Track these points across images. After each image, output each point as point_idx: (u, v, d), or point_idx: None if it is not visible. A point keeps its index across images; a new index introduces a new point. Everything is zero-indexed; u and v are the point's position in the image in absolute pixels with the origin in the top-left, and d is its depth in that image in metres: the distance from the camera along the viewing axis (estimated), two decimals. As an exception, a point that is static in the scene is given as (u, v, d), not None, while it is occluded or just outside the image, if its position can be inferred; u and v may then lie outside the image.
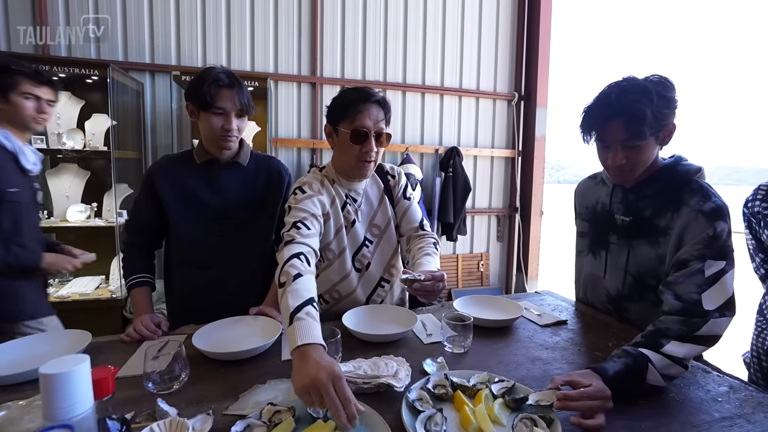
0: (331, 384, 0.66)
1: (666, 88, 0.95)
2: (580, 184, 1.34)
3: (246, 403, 0.77)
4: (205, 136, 1.26)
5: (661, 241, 1.01)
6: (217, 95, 1.18)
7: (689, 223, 0.94)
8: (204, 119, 1.21)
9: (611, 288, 1.18)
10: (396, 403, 0.77)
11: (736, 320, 0.89)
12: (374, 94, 1.16)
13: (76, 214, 2.42)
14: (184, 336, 1.08)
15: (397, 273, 1.36)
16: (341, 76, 3.13)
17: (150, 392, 0.79)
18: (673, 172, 1.03)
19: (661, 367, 0.82)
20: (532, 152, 3.61)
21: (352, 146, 1.15)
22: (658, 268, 1.02)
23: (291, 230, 1.06)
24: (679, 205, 0.98)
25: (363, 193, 1.29)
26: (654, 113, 0.92)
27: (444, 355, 0.99)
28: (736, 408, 0.78)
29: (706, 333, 0.85)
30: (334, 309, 1.30)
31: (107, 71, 2.27)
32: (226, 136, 1.22)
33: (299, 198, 1.14)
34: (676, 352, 0.84)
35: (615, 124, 0.96)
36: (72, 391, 0.51)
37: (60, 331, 1.02)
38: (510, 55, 3.62)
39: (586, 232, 1.28)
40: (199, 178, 1.29)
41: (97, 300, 2.36)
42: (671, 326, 0.87)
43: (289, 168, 3.07)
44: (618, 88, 0.97)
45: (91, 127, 2.47)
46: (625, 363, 0.82)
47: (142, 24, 2.69)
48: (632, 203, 1.09)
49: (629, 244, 1.10)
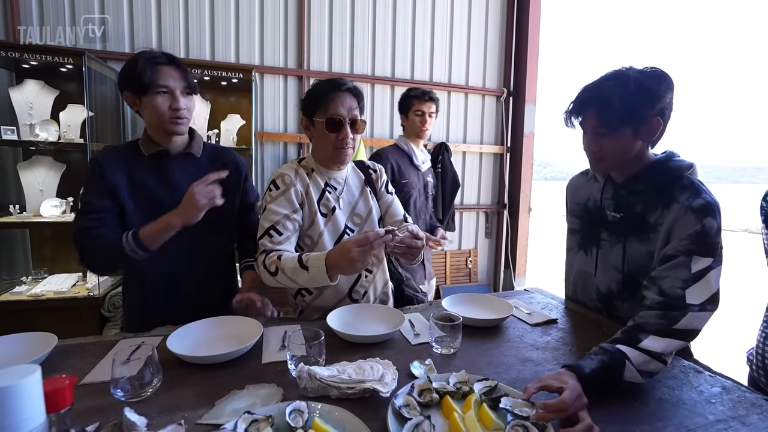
0: (355, 248, 0.96)
1: (651, 80, 0.92)
2: (571, 181, 1.32)
3: (222, 411, 0.73)
4: (151, 122, 1.16)
5: (652, 237, 0.99)
6: (156, 73, 1.09)
7: (678, 220, 0.92)
8: (147, 104, 1.11)
9: (602, 285, 1.16)
10: (382, 410, 0.73)
11: (742, 317, 0.87)
12: (345, 83, 1.18)
13: (51, 209, 2.32)
14: (159, 338, 1.02)
15: (379, 263, 1.34)
16: (329, 69, 3.07)
17: (118, 400, 0.74)
18: (663, 168, 1.01)
19: (639, 363, 0.81)
20: (520, 149, 3.61)
21: (328, 135, 1.17)
22: (648, 265, 1.00)
23: (264, 238, 1.14)
24: (670, 201, 0.96)
25: (344, 182, 1.30)
26: (624, 102, 0.91)
27: (432, 357, 0.95)
28: (730, 410, 0.77)
29: (684, 327, 0.84)
30: (317, 302, 1.27)
31: (83, 60, 2.17)
32: (175, 117, 1.12)
33: (274, 195, 1.18)
34: (654, 347, 0.82)
35: (589, 110, 0.98)
36: (19, 406, 0.46)
37: (23, 334, 0.95)
38: (499, 50, 3.60)
39: (577, 228, 1.26)
40: (149, 172, 1.18)
41: (73, 298, 2.26)
42: (650, 320, 0.86)
43: (275, 163, 3.02)
44: (607, 74, 0.97)
45: (66, 118, 2.36)
46: (601, 360, 0.80)
47: (121, 11, 2.58)
48: (623, 199, 1.07)
49: (620, 240, 1.08)
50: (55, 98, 2.35)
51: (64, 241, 2.52)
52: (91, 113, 2.25)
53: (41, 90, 2.31)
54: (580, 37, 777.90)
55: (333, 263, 1.01)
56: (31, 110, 2.27)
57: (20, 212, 2.27)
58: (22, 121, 2.25)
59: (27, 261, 2.53)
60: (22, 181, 2.32)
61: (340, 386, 0.76)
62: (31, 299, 2.18)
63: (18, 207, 2.26)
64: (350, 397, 0.77)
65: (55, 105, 2.35)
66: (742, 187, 48.22)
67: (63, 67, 2.28)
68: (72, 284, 2.37)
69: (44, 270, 2.47)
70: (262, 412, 0.68)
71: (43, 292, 2.23)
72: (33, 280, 2.39)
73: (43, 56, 2.19)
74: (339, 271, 1.02)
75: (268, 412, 0.68)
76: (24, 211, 2.30)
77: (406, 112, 2.10)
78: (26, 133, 2.24)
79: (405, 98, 2.10)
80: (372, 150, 3.21)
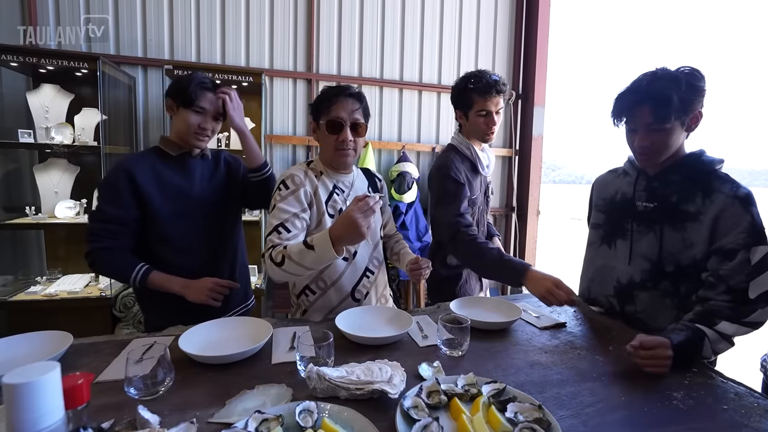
0: (358, 213, 0.98)
1: (695, 77, 1.01)
2: (598, 178, 1.37)
3: (232, 411, 0.74)
4: (179, 130, 1.31)
5: (689, 226, 1.04)
6: (200, 96, 1.27)
7: (725, 209, 0.99)
8: (182, 115, 1.28)
9: (623, 276, 1.18)
10: (390, 411, 0.73)
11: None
12: (348, 88, 1.25)
13: (65, 211, 2.36)
14: (171, 338, 1.04)
15: (380, 265, 1.39)
16: (337, 72, 3.09)
17: (132, 398, 0.76)
18: (698, 161, 1.08)
19: (713, 341, 0.94)
20: (529, 151, 3.59)
21: (329, 136, 1.23)
22: (680, 253, 1.06)
23: (272, 234, 1.17)
24: (710, 191, 1.03)
25: (350, 185, 1.35)
26: (681, 98, 0.99)
27: (440, 359, 0.95)
28: (742, 416, 0.76)
29: (753, 320, 0.95)
30: (319, 302, 1.30)
31: (97, 64, 2.21)
32: (199, 134, 1.30)
33: (283, 195, 1.21)
34: (727, 330, 0.94)
35: (642, 109, 1.03)
36: (39, 401, 0.48)
37: (39, 333, 0.97)
38: (508, 52, 3.59)
39: (600, 223, 1.29)
40: (175, 171, 1.32)
41: (86, 298, 2.30)
42: (722, 310, 0.96)
43: (283, 165, 3.05)
44: (650, 75, 1.04)
45: (80, 121, 2.40)
46: (686, 335, 0.93)
47: (134, 17, 2.63)
48: (656, 190, 1.13)
49: (652, 229, 1.12)
50: (70, 102, 2.40)
51: (78, 242, 2.56)
52: (104, 117, 2.30)
53: (57, 94, 2.36)
54: (589, 38, 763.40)
55: (337, 234, 1.02)
56: (47, 114, 2.32)
57: (35, 213, 2.31)
58: (39, 125, 2.30)
59: (42, 261, 2.58)
60: (38, 183, 2.37)
61: (348, 387, 0.77)
62: (45, 299, 2.22)
63: (33, 208, 2.31)
64: (359, 398, 0.77)
65: (70, 109, 2.40)
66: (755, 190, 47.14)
67: (78, 71, 2.32)
68: (85, 284, 2.41)
69: (58, 270, 2.52)
70: (272, 411, 0.69)
71: (57, 292, 2.27)
72: (47, 280, 2.43)
73: (59, 61, 2.24)
74: (344, 241, 1.03)
75: (278, 411, 0.69)
76: (39, 213, 2.35)
77: (465, 110, 1.56)
78: (42, 136, 2.29)
79: (462, 92, 1.54)
80: (380, 153, 3.23)
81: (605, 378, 0.89)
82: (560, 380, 0.88)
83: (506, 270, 1.30)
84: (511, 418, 0.70)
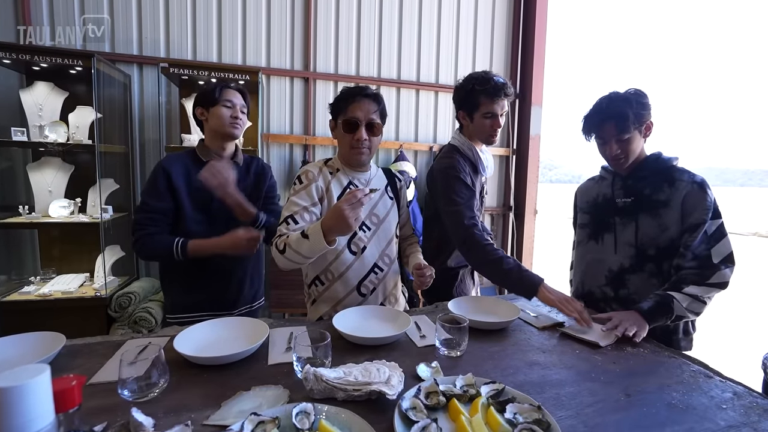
0: (346, 205, 1.03)
1: (641, 96, 1.27)
2: (580, 186, 1.57)
3: (228, 413, 0.72)
4: (214, 127, 1.43)
5: (662, 212, 1.25)
6: (225, 92, 1.43)
7: (689, 193, 1.21)
8: (214, 113, 1.41)
9: (614, 264, 1.34)
10: (388, 412, 0.72)
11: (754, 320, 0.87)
12: (366, 89, 1.29)
13: (59, 210, 2.34)
14: (166, 339, 1.02)
15: (390, 263, 1.39)
16: (335, 71, 3.08)
17: (125, 400, 0.74)
18: (658, 159, 1.31)
19: (683, 301, 1.13)
20: (526, 151, 3.59)
21: (345, 135, 1.28)
22: (658, 236, 1.25)
23: (282, 224, 1.24)
24: (673, 180, 1.25)
25: (367, 182, 1.37)
26: (634, 113, 1.24)
27: (438, 359, 0.95)
28: (741, 416, 0.75)
29: (715, 281, 1.15)
30: (327, 293, 1.33)
31: (92, 62, 2.19)
32: (234, 123, 1.43)
33: (297, 189, 1.29)
34: (694, 291, 1.14)
35: (608, 125, 1.27)
36: (28, 405, 0.47)
37: (31, 334, 0.96)
38: (505, 52, 3.59)
39: (586, 222, 1.46)
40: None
41: (81, 298, 2.28)
42: (687, 277, 1.17)
43: (281, 164, 3.04)
44: (606, 99, 1.29)
45: (75, 119, 2.38)
46: (654, 300, 1.16)
47: (130, 15, 2.61)
48: (631, 187, 1.33)
49: (633, 219, 1.30)
50: (65, 100, 2.37)
51: (72, 241, 2.54)
52: (99, 115, 2.27)
53: (51, 92, 2.34)
54: (586, 38, 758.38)
55: (328, 225, 1.07)
56: (40, 112, 2.29)
57: (29, 213, 2.29)
58: (32, 123, 2.27)
59: (35, 261, 2.55)
60: (32, 181, 2.35)
61: (346, 388, 0.76)
62: (39, 299, 2.20)
63: (27, 207, 2.28)
64: (356, 399, 0.76)
65: (64, 107, 2.37)
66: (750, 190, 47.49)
67: (72, 69, 2.29)
68: (79, 284, 2.39)
69: (52, 270, 2.49)
70: (268, 413, 0.68)
71: (51, 292, 2.25)
72: (41, 280, 2.40)
73: (53, 58, 2.21)
74: (334, 231, 1.08)
75: (275, 413, 0.68)
76: (33, 212, 2.32)
77: (469, 111, 1.51)
78: (36, 134, 2.27)
79: (469, 93, 1.49)
80: (378, 153, 3.22)
81: (604, 378, 0.89)
82: (559, 380, 0.88)
83: (523, 280, 1.28)
84: (511, 419, 0.69)
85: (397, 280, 1.44)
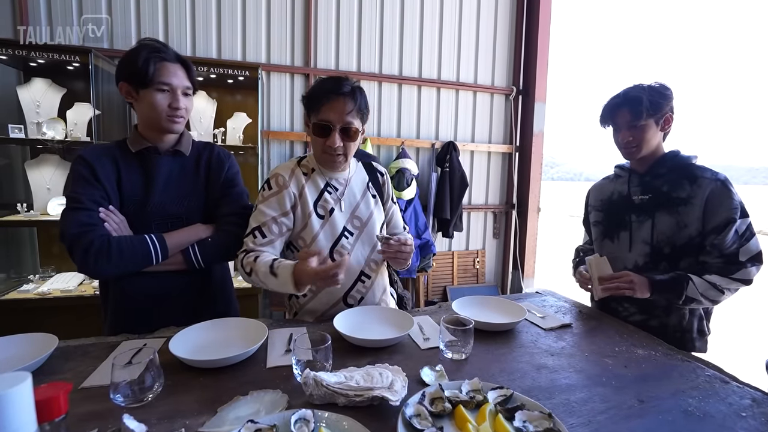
0: (318, 281, 0.95)
1: (662, 87, 1.23)
2: (594, 185, 1.53)
3: (224, 419, 0.69)
4: (145, 117, 1.11)
5: (681, 209, 1.20)
6: (160, 69, 1.06)
7: (713, 190, 1.17)
8: (145, 98, 1.07)
9: (629, 262, 1.30)
10: (391, 419, 0.69)
11: (760, 325, 0.84)
12: (343, 86, 1.10)
13: (58, 207, 2.31)
14: (162, 340, 0.99)
15: (377, 267, 1.28)
16: (336, 67, 3.04)
17: (117, 406, 0.71)
18: (677, 156, 1.28)
19: (700, 286, 1.13)
20: (529, 148, 3.55)
21: (317, 139, 1.15)
22: (675, 234, 1.21)
23: (248, 237, 1.13)
24: (695, 177, 1.21)
25: (345, 182, 1.26)
26: (650, 100, 1.20)
27: (443, 362, 0.91)
28: (762, 424, 0.72)
29: (740, 277, 1.13)
30: (310, 305, 1.22)
31: (89, 58, 2.16)
32: (173, 116, 1.09)
33: (265, 196, 1.16)
34: (714, 280, 1.13)
35: (622, 112, 1.26)
36: (8, 415, 0.43)
37: (23, 336, 0.93)
38: (508, 48, 3.54)
39: (600, 220, 1.42)
40: (134, 171, 1.12)
41: (80, 297, 2.25)
42: (713, 266, 1.16)
43: (281, 161, 3.00)
44: (626, 88, 1.27)
45: (73, 116, 2.35)
46: (670, 276, 1.17)
47: (128, 10, 2.57)
48: (648, 184, 1.30)
49: (651, 216, 1.26)
50: (62, 96, 2.34)
51: (71, 239, 2.52)
52: (97, 111, 2.24)
53: (48, 88, 2.30)
54: (590, 34, 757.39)
55: (298, 279, 0.98)
56: (38, 109, 2.26)
57: (28, 210, 2.26)
58: (30, 120, 2.24)
59: (34, 259, 2.53)
60: (30, 179, 2.32)
61: (347, 393, 0.73)
62: (38, 297, 2.18)
63: (25, 205, 2.25)
64: (358, 405, 0.73)
65: (62, 103, 2.34)
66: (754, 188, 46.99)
67: (70, 65, 2.26)
68: (78, 283, 2.36)
69: (51, 268, 2.47)
70: (265, 421, 0.65)
71: (50, 291, 2.22)
72: (40, 278, 2.38)
73: (51, 55, 2.18)
74: (304, 286, 1.00)
75: (272, 421, 0.65)
76: (31, 210, 2.29)
77: None
78: (33, 131, 2.24)
79: None
80: (379, 150, 3.19)
81: (615, 382, 0.86)
82: (569, 385, 0.84)
83: None
84: (520, 428, 0.66)
85: (386, 285, 1.34)
